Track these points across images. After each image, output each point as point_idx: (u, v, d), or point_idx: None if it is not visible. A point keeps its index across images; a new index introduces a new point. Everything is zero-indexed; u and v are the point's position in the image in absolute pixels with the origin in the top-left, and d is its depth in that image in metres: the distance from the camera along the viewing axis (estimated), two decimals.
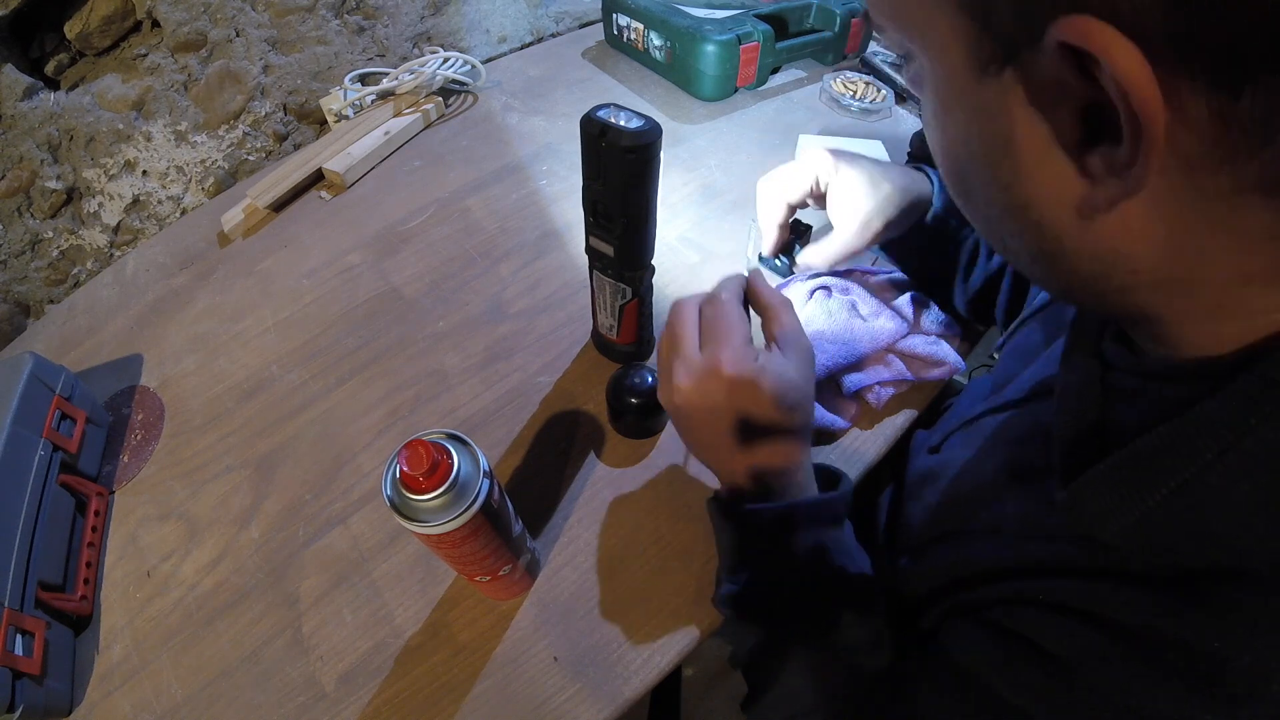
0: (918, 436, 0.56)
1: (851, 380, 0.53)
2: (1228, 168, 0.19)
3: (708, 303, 0.41)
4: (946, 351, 0.53)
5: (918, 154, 0.73)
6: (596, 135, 0.39)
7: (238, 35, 0.78)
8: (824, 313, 0.55)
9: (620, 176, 0.41)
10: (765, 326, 0.41)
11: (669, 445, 0.54)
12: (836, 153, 0.52)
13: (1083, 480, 0.27)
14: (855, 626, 0.38)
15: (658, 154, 0.41)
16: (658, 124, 0.39)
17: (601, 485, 0.52)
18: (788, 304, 0.41)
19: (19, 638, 0.43)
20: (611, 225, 0.45)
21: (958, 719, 0.32)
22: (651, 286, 0.52)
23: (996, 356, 0.53)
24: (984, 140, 0.24)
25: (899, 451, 0.55)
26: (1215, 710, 0.23)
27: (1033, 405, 0.39)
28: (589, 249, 0.49)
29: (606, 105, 0.40)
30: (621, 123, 0.39)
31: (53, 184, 0.74)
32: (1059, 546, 0.30)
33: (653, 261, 0.50)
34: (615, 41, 0.96)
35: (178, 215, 0.85)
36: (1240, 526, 0.22)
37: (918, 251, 0.56)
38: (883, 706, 0.37)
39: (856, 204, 0.50)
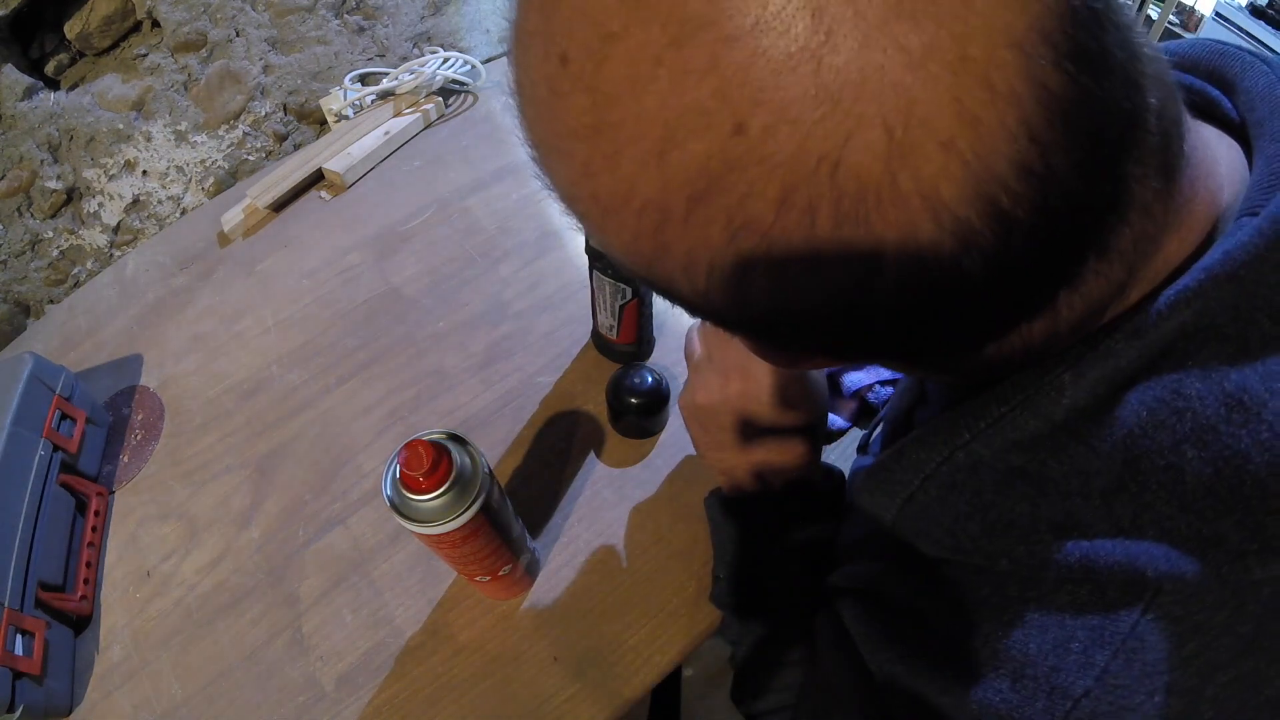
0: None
1: (851, 380, 0.53)
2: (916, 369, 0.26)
3: None
4: None
5: None
6: None
7: (238, 35, 0.78)
8: None
9: None
10: None
11: (669, 445, 0.54)
12: None
13: (858, 484, 0.29)
14: None
15: None
16: None
17: (601, 485, 0.52)
18: None
19: (19, 638, 0.43)
20: None
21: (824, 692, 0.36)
22: None
23: None
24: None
25: None
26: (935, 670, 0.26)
27: None
28: (589, 249, 0.49)
29: None
30: None
31: (53, 184, 0.74)
32: (866, 529, 0.34)
33: None
34: None
35: (178, 215, 0.85)
36: (957, 531, 0.24)
37: None
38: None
39: None
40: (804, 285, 0.18)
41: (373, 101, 0.86)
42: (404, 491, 0.33)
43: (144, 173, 0.80)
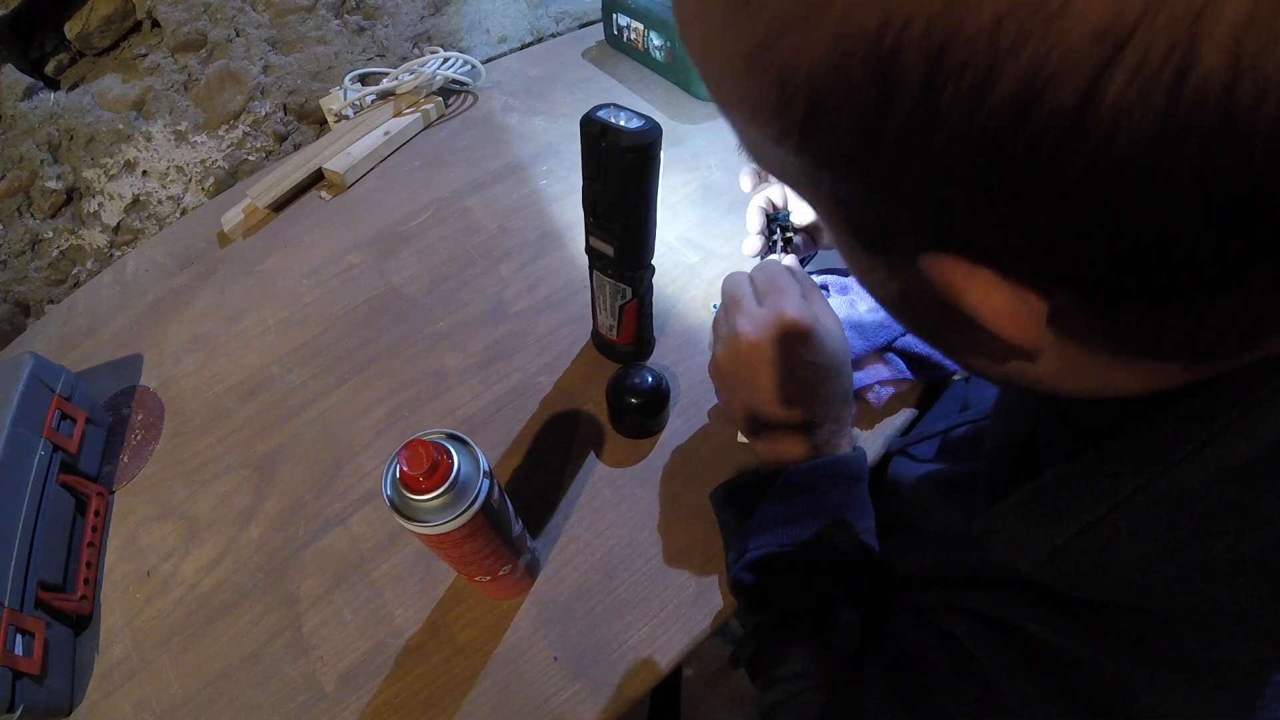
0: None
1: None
2: (1118, 343, 0.18)
3: (759, 270, 0.46)
4: None
5: None
6: (596, 135, 0.39)
7: (238, 35, 0.78)
8: None
9: (620, 176, 0.41)
10: None
11: (669, 445, 0.54)
12: None
13: (994, 512, 0.26)
14: (849, 611, 0.40)
15: (658, 154, 0.41)
16: (658, 124, 0.39)
17: (601, 485, 0.52)
18: (817, 288, 0.47)
19: (19, 638, 0.43)
20: (611, 225, 0.45)
21: (893, 705, 0.33)
22: (651, 286, 0.52)
23: None
24: (872, 287, 0.23)
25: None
26: None
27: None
28: (589, 249, 0.49)
29: (606, 105, 0.40)
30: (621, 123, 0.39)
31: (53, 184, 0.74)
32: (984, 556, 0.31)
33: (653, 261, 0.50)
34: (615, 41, 0.96)
35: (178, 215, 0.85)
36: (1148, 570, 0.22)
37: None
38: (850, 689, 0.38)
39: None
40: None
41: (373, 101, 0.86)
42: (404, 491, 0.33)
43: (144, 173, 0.80)
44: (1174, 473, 0.20)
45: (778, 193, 0.58)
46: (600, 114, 0.40)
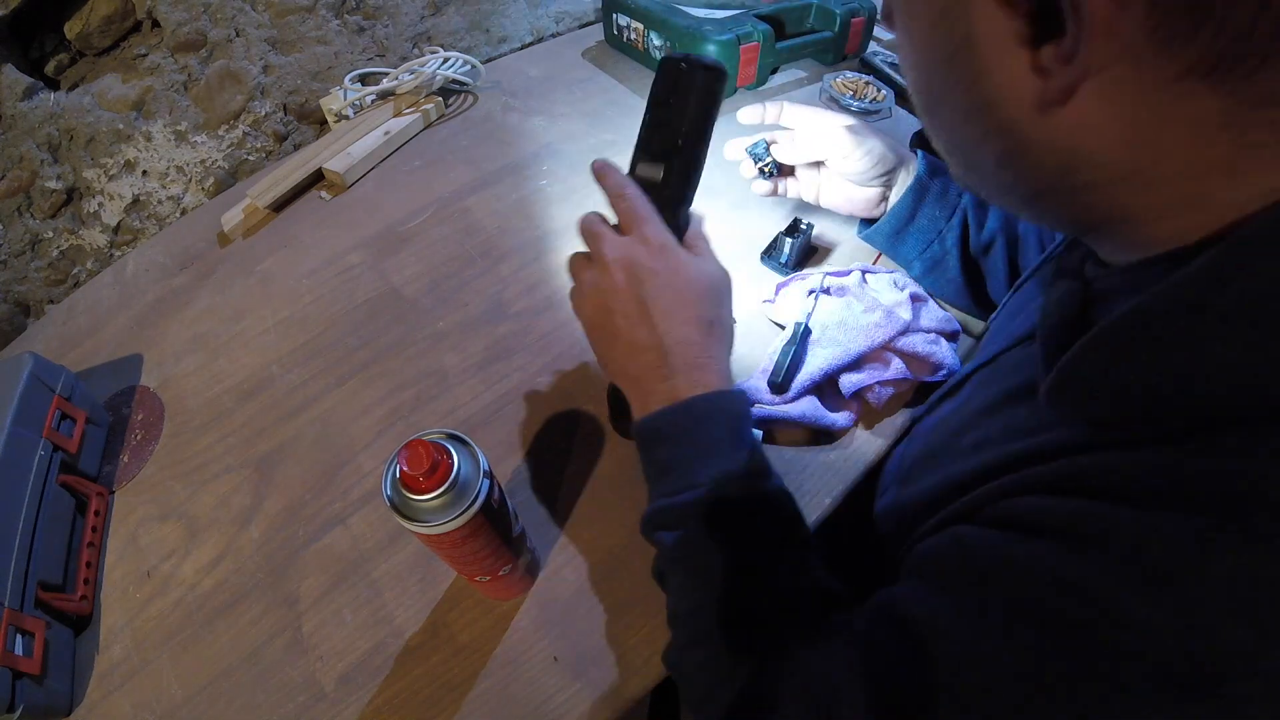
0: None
1: (851, 380, 0.53)
2: (1167, 53, 0.20)
3: (619, 198, 0.44)
4: (945, 352, 0.53)
5: None
6: (678, 59, 0.41)
7: (238, 35, 0.78)
8: (818, 318, 0.55)
9: (694, 96, 0.42)
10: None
11: None
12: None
13: (1065, 360, 0.27)
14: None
15: (724, 87, 0.43)
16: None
17: (601, 485, 0.52)
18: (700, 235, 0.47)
19: (19, 638, 0.43)
20: (668, 151, 0.44)
21: (967, 631, 0.28)
22: None
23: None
24: (946, 42, 0.26)
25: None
26: (1248, 550, 0.21)
27: (1026, 344, 0.38)
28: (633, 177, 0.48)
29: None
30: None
31: (53, 184, 0.74)
32: (1051, 435, 0.29)
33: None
34: (615, 41, 0.96)
35: (178, 215, 0.85)
36: (1243, 372, 0.21)
37: (910, 210, 0.58)
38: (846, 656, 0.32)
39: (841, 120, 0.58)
40: None
41: (373, 101, 0.86)
42: (404, 491, 0.33)
43: (144, 173, 0.80)
44: (1239, 282, 0.21)
45: (783, 137, 0.62)
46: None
